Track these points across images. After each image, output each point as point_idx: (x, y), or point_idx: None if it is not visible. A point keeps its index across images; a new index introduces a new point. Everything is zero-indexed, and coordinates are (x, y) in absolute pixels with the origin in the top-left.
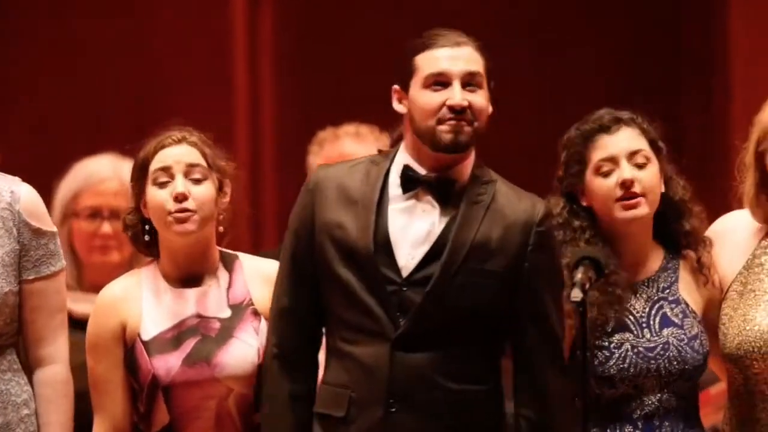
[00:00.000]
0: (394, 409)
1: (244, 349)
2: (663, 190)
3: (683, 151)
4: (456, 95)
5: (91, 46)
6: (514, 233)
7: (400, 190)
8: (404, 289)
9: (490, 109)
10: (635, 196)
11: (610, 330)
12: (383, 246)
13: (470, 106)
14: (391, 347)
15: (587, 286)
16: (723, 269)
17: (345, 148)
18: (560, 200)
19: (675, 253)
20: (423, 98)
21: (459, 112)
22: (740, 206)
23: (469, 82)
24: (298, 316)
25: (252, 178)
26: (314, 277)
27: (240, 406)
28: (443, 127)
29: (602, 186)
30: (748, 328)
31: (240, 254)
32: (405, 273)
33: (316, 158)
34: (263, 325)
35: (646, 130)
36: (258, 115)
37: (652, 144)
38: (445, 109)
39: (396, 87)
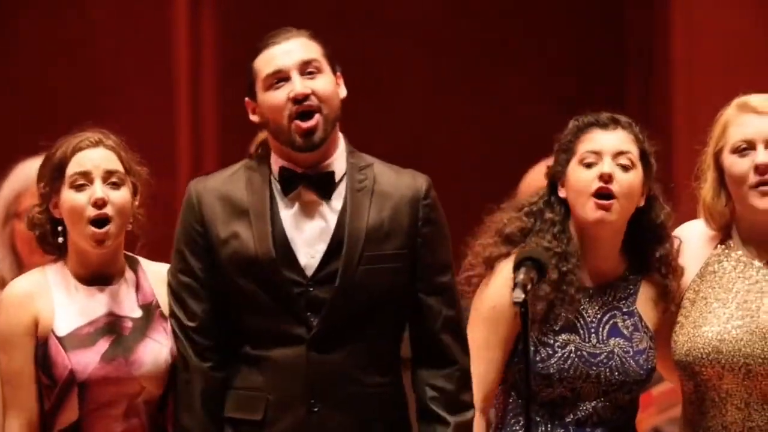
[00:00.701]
0: (316, 409)
1: (158, 349)
2: (641, 204)
3: None
4: (296, 85)
5: (29, 48)
6: (403, 211)
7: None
8: (311, 289)
9: (342, 93)
10: (610, 194)
11: (557, 328)
12: (283, 250)
13: (314, 93)
14: (306, 348)
15: (529, 287)
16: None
17: None
18: (542, 188)
19: (640, 269)
20: (268, 100)
21: (302, 101)
22: (685, 208)
23: (306, 70)
24: (203, 327)
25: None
26: (213, 291)
27: (148, 405)
28: (293, 127)
29: (581, 177)
30: (697, 334)
31: (139, 258)
32: (309, 272)
33: None
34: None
35: (639, 139)
36: (200, 117)
37: (642, 155)
38: (290, 103)
39: (247, 99)
